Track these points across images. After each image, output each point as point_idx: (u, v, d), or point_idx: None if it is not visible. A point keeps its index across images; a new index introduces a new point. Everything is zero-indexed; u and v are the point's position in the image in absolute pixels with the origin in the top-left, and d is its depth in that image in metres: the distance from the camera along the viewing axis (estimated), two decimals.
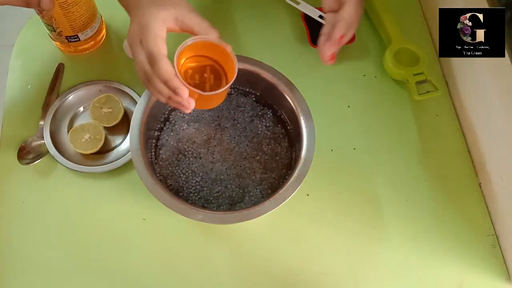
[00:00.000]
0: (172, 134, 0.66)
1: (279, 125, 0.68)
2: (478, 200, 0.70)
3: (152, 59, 0.48)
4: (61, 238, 0.64)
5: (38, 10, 0.67)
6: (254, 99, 0.69)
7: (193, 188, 0.64)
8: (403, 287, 0.64)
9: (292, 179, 0.58)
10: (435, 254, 0.66)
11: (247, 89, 0.69)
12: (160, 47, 0.49)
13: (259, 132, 0.67)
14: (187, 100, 0.50)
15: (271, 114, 0.68)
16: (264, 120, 0.68)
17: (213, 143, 0.66)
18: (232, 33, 0.80)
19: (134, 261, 0.64)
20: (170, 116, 0.67)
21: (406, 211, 0.68)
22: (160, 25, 0.49)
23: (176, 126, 0.67)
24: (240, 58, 0.65)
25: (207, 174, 0.65)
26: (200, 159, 0.65)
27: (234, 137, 0.67)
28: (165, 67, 0.48)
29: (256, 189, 0.64)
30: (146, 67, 0.49)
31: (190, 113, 0.55)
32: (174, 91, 0.49)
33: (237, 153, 0.66)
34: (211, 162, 0.65)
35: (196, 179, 0.64)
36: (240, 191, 0.64)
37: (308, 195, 0.68)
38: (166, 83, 0.49)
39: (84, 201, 0.67)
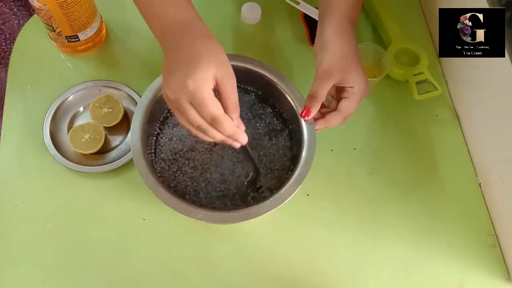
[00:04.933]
0: (172, 133, 0.66)
1: (279, 125, 0.68)
2: (478, 200, 0.70)
3: (216, 121, 0.51)
4: (61, 237, 0.64)
5: (38, 13, 0.67)
6: (254, 98, 0.69)
7: (193, 187, 0.64)
8: (403, 287, 0.64)
9: (292, 179, 0.58)
10: (435, 254, 0.66)
11: (248, 89, 0.69)
12: (221, 109, 0.51)
13: (260, 131, 0.67)
14: (245, 140, 0.56)
15: (271, 114, 0.68)
16: (264, 120, 0.68)
17: (214, 142, 0.66)
18: (233, 33, 0.80)
19: (134, 260, 0.64)
20: (170, 116, 0.67)
21: (406, 211, 0.68)
22: (210, 90, 0.50)
23: (176, 126, 0.67)
24: (241, 58, 0.65)
25: (208, 174, 0.65)
26: (200, 158, 0.65)
27: None
28: (230, 126, 0.52)
29: (257, 188, 0.64)
30: (204, 125, 0.51)
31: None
32: (237, 140, 0.55)
33: (237, 152, 0.66)
34: (211, 162, 0.65)
35: (197, 178, 0.64)
36: (240, 190, 0.64)
37: (308, 195, 0.68)
38: (230, 136, 0.53)
39: (84, 201, 0.66)
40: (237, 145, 0.55)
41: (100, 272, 0.63)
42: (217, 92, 0.52)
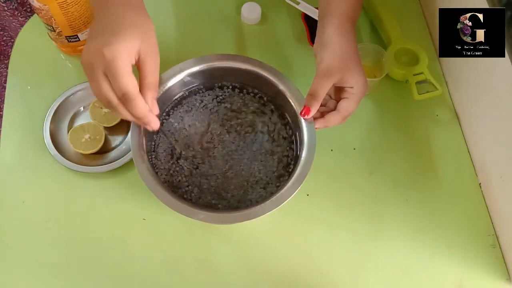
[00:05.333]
0: (172, 133, 0.66)
1: (279, 125, 0.68)
2: (478, 200, 0.70)
3: (126, 98, 0.48)
4: (61, 238, 0.64)
5: (38, 13, 0.67)
6: (254, 98, 0.69)
7: (194, 187, 0.64)
8: (403, 287, 0.64)
9: (292, 179, 0.58)
10: (435, 254, 0.66)
11: (248, 89, 0.69)
12: (135, 86, 0.48)
13: (260, 131, 0.67)
14: (156, 125, 0.53)
15: (271, 114, 0.68)
16: (264, 120, 0.68)
17: (214, 142, 0.66)
18: (233, 33, 0.80)
19: (134, 261, 0.64)
20: (171, 116, 0.67)
21: (406, 211, 0.68)
22: (127, 63, 0.48)
23: (176, 126, 0.67)
24: (241, 58, 0.65)
25: (208, 174, 0.65)
26: (200, 158, 0.65)
27: (235, 137, 0.67)
28: (140, 106, 0.49)
29: (257, 189, 0.64)
30: (114, 100, 0.49)
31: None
32: (147, 123, 0.52)
33: (238, 152, 0.66)
34: (211, 162, 0.65)
35: (197, 178, 0.64)
36: (241, 191, 0.64)
37: (308, 195, 0.68)
38: (139, 119, 0.51)
39: (84, 201, 0.67)
40: (149, 128, 0.53)
41: (100, 272, 0.63)
42: (138, 68, 0.50)
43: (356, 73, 0.57)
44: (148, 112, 0.51)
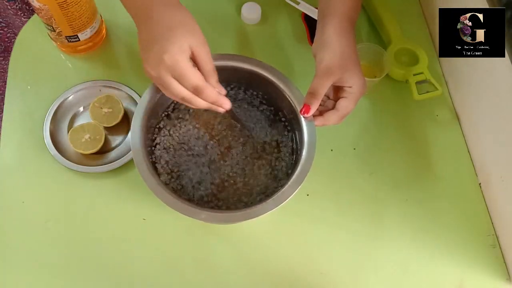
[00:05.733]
0: (173, 133, 0.66)
1: (279, 125, 0.68)
2: (478, 200, 0.70)
3: (198, 90, 0.53)
4: (61, 238, 0.64)
5: (38, 13, 0.67)
6: (254, 98, 0.69)
7: (194, 187, 0.64)
8: (403, 287, 0.64)
9: (292, 179, 0.58)
10: (435, 254, 0.66)
11: (248, 89, 0.69)
12: (201, 78, 0.53)
13: (260, 131, 0.67)
14: (228, 105, 0.58)
15: (271, 114, 0.68)
16: (264, 120, 0.68)
17: (214, 142, 0.66)
18: (233, 33, 0.80)
19: (134, 260, 0.64)
20: (171, 115, 0.67)
21: (406, 211, 0.68)
22: (187, 61, 0.52)
23: (176, 126, 0.67)
24: (241, 58, 0.65)
25: (208, 174, 0.65)
26: (201, 158, 0.65)
27: (235, 136, 0.67)
28: (211, 93, 0.54)
29: (257, 188, 0.64)
30: (188, 95, 0.54)
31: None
32: (221, 105, 0.57)
33: (238, 152, 0.66)
34: (212, 162, 0.65)
35: (197, 178, 0.64)
36: (241, 190, 0.64)
37: (308, 195, 0.68)
38: (213, 103, 0.56)
39: (84, 201, 0.66)
40: (221, 110, 0.58)
41: (100, 272, 0.63)
42: (193, 60, 0.54)
43: (355, 73, 0.58)
44: (218, 95, 0.56)
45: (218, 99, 0.56)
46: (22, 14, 0.87)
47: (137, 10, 0.56)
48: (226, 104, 0.57)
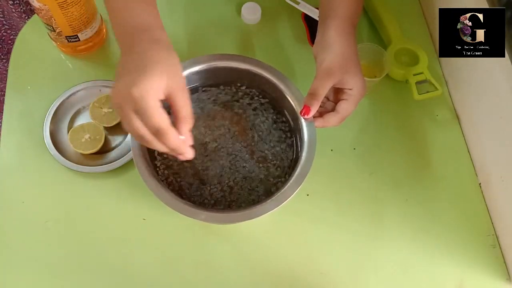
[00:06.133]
0: None
1: (279, 125, 0.68)
2: (478, 200, 0.70)
3: (160, 133, 0.48)
4: (61, 238, 0.64)
5: (38, 13, 0.67)
6: (254, 98, 0.69)
7: (194, 187, 0.64)
8: (403, 287, 0.64)
9: (292, 179, 0.58)
10: (435, 254, 0.66)
11: (248, 89, 0.69)
12: (166, 120, 0.48)
13: (260, 131, 0.67)
14: (190, 155, 0.53)
15: (272, 114, 0.68)
16: (265, 120, 0.68)
17: (214, 142, 0.66)
18: (233, 33, 0.80)
19: (134, 260, 0.64)
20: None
21: (406, 211, 0.68)
22: (156, 101, 0.48)
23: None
24: (241, 58, 0.65)
25: (208, 174, 0.65)
26: (201, 158, 0.65)
27: (235, 136, 0.67)
28: (172, 139, 0.49)
29: (257, 188, 0.64)
30: (147, 136, 0.49)
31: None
32: (181, 154, 0.52)
33: (238, 152, 0.66)
34: (212, 162, 0.65)
35: (197, 179, 0.64)
36: (241, 190, 0.64)
37: (308, 195, 0.68)
38: (173, 150, 0.51)
39: (84, 201, 0.66)
40: (182, 158, 0.52)
41: (100, 272, 0.63)
42: (169, 104, 0.50)
43: (356, 75, 0.58)
44: (181, 143, 0.51)
45: (179, 147, 0.50)
46: (26, 17, 0.88)
47: (125, 39, 0.53)
48: (189, 154, 0.52)
